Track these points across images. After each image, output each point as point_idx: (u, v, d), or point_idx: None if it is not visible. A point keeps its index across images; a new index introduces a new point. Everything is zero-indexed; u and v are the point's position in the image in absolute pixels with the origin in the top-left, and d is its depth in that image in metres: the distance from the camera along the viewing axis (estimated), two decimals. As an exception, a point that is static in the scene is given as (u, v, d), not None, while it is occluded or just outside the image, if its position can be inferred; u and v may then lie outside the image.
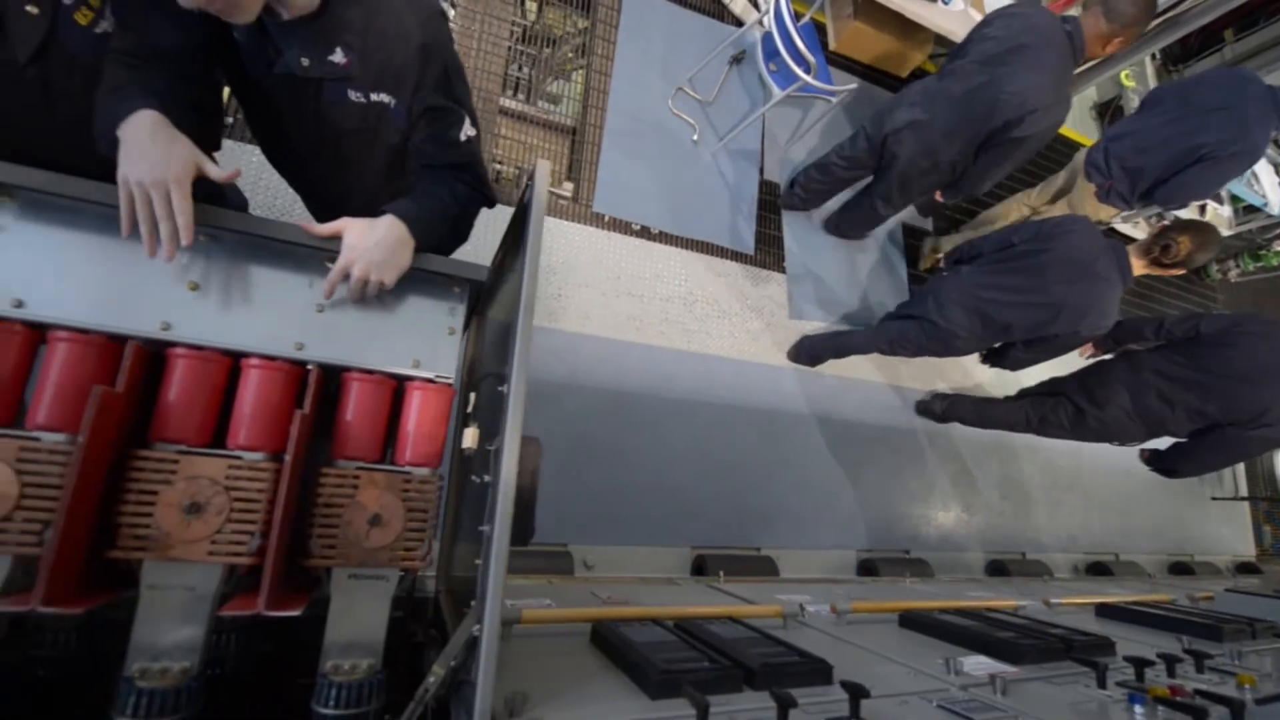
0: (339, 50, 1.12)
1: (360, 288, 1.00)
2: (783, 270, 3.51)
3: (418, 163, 1.25)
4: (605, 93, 3.31)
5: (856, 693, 0.98)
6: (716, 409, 3.12)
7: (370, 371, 1.02)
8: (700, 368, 3.13)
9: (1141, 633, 2.00)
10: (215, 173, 0.93)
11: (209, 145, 1.11)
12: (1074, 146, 4.49)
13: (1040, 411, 3.32)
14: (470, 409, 1.14)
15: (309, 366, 0.99)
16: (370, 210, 1.05)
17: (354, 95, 1.17)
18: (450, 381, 1.07)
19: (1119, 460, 4.18)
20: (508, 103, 3.17)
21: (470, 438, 1.09)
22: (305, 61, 1.13)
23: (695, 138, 3.41)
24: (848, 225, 3.67)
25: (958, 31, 3.53)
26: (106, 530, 0.87)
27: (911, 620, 1.74)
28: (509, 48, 3.21)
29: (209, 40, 1.09)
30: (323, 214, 1.50)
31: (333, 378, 1.04)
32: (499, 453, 0.92)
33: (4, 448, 0.82)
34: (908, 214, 4.00)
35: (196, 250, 0.93)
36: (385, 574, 0.99)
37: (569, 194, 1.06)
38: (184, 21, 0.99)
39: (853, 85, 3.02)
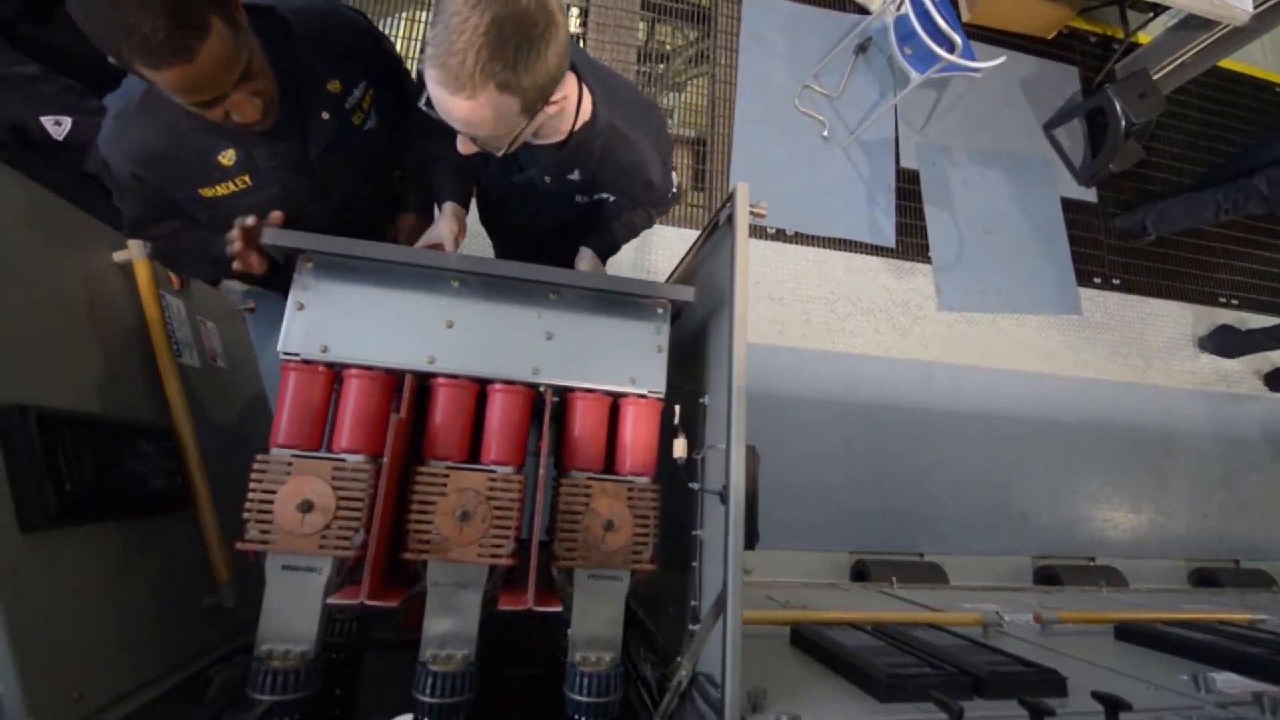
0: (577, 171, 1.25)
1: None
2: (928, 261, 3.35)
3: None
4: (731, 101, 3.34)
5: (1114, 705, 0.92)
6: (867, 409, 3.03)
7: (592, 390, 1.12)
8: (846, 367, 3.06)
9: None
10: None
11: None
12: None
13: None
14: (676, 420, 1.20)
15: (542, 388, 1.10)
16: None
17: (580, 198, 1.31)
18: (660, 396, 1.14)
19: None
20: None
21: (680, 447, 1.16)
22: (547, 179, 1.27)
23: (825, 134, 3.35)
24: (1166, 223, 3.71)
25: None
26: (398, 535, 1.02)
27: (1132, 632, 1.59)
28: (636, 71, 3.33)
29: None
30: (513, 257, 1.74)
31: (558, 397, 1.15)
32: (728, 462, 0.97)
33: (322, 468, 0.99)
34: (1071, 188, 3.66)
35: (451, 292, 1.08)
36: (619, 575, 1.07)
37: (765, 212, 1.11)
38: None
39: (1000, 59, 2.82)
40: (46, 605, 0.87)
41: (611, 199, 1.31)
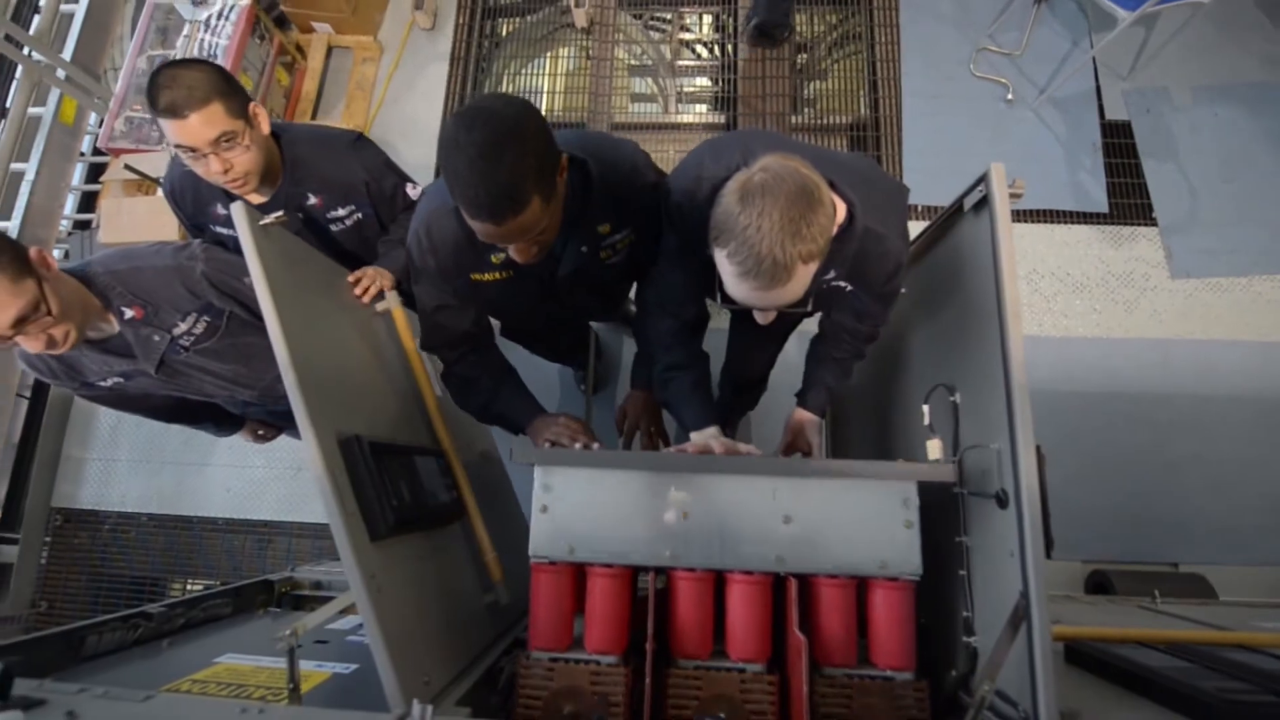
0: (833, 270, 1.22)
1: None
2: (1152, 223, 2.90)
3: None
4: (895, 80, 3.15)
5: None
6: (1090, 398, 2.68)
7: (835, 575, 1.05)
8: (1060, 352, 2.74)
9: None
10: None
11: None
12: None
13: None
14: (926, 421, 1.15)
15: (784, 576, 1.05)
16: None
17: (822, 284, 1.25)
18: (915, 577, 1.05)
19: None
20: (796, 119, 3.26)
21: (935, 449, 1.11)
22: None
23: (1009, 96, 3.04)
24: None
25: None
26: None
27: None
28: (791, 65, 3.28)
29: None
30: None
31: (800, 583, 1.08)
32: (1014, 463, 0.91)
33: (580, 673, 1.02)
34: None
35: (685, 484, 1.08)
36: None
37: (1022, 191, 1.03)
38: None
39: (1240, -25, 2.38)
40: (395, 604, 1.03)
41: (849, 289, 1.28)
